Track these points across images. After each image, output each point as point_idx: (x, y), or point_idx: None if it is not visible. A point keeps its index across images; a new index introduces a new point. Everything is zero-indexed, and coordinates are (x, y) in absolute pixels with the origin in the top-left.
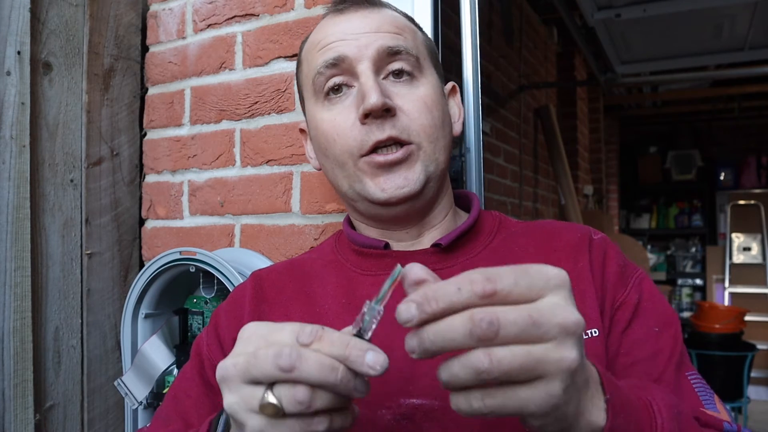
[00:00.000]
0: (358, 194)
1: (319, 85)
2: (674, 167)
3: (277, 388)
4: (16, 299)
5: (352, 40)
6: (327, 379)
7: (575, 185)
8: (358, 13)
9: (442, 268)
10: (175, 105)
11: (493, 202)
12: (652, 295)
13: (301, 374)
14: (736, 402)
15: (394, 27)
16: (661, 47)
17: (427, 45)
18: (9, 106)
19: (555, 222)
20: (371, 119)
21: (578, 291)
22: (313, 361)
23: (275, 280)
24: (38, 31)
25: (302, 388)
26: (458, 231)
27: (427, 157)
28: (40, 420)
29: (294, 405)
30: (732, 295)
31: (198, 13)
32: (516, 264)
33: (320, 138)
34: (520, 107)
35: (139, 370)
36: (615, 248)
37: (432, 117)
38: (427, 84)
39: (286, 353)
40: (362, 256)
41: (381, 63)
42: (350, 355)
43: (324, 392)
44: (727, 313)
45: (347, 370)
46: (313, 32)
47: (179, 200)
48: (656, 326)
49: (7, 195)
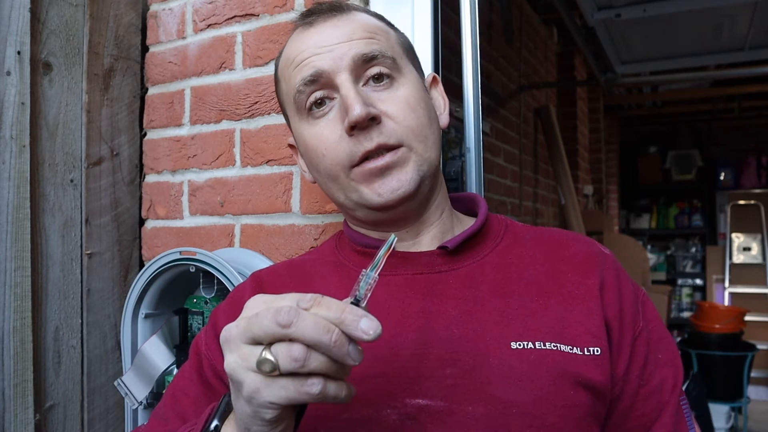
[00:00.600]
0: (355, 203)
1: (300, 102)
2: (674, 167)
3: (275, 347)
4: (16, 299)
5: (327, 52)
6: (321, 339)
7: (575, 185)
8: (328, 23)
9: (448, 270)
10: (175, 105)
11: (493, 202)
12: (654, 317)
13: (297, 330)
14: (736, 402)
15: (366, 32)
16: (661, 47)
17: (401, 42)
18: (9, 106)
19: (561, 231)
20: (358, 130)
21: (586, 308)
22: (310, 321)
23: (275, 280)
24: (38, 31)
25: (298, 346)
26: (466, 234)
27: (419, 157)
28: (40, 420)
29: (289, 362)
30: (732, 295)
31: (198, 13)
32: (522, 270)
33: (310, 153)
34: (520, 107)
35: (139, 370)
36: (624, 271)
37: (417, 116)
38: (408, 83)
39: (285, 311)
40: (364, 255)
41: (359, 71)
42: (345, 319)
43: (319, 354)
44: (727, 313)
45: (341, 334)
46: (286, 48)
47: (179, 200)
48: (660, 353)
49: (7, 195)
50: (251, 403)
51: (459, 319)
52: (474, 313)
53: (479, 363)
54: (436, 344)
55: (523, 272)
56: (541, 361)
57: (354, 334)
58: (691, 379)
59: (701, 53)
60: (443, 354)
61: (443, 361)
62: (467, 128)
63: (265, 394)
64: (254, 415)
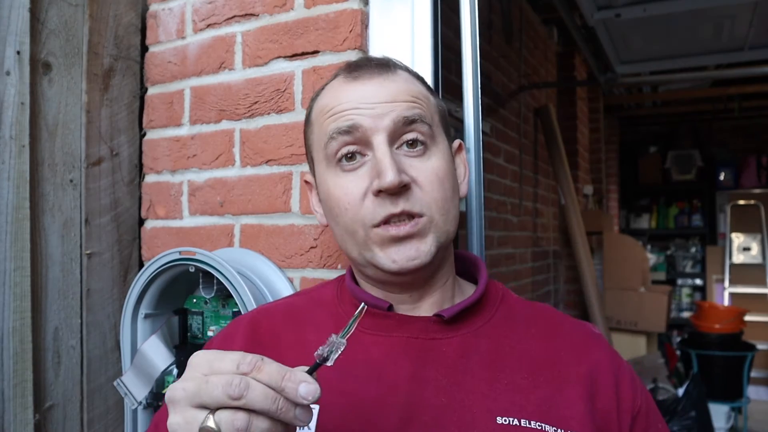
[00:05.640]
0: (368, 262)
1: (331, 150)
2: (674, 167)
3: (218, 414)
4: (15, 299)
5: (367, 109)
6: (269, 408)
7: (575, 185)
8: (374, 80)
9: (442, 338)
10: (175, 105)
11: (493, 202)
12: (646, 391)
13: (247, 402)
14: (736, 402)
15: (410, 96)
16: (661, 47)
17: (438, 109)
18: (8, 106)
19: (555, 311)
20: (385, 194)
21: (575, 391)
22: (259, 391)
23: (271, 325)
24: (38, 31)
25: (242, 415)
26: (463, 305)
27: (438, 229)
28: (40, 420)
29: (232, 431)
30: (732, 295)
31: (197, 13)
32: (515, 345)
33: (331, 203)
34: (520, 107)
35: (139, 370)
36: (616, 351)
37: (443, 189)
38: (439, 154)
39: (236, 383)
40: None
41: (396, 134)
42: (285, 387)
43: (263, 419)
44: (727, 313)
45: (286, 401)
46: (324, 94)
47: (179, 200)
48: (659, 423)
49: (6, 195)
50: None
51: (448, 388)
52: (463, 384)
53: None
54: (424, 411)
55: (515, 347)
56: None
57: (295, 401)
58: (691, 379)
59: (701, 53)
60: (429, 421)
61: (428, 427)
62: (467, 128)
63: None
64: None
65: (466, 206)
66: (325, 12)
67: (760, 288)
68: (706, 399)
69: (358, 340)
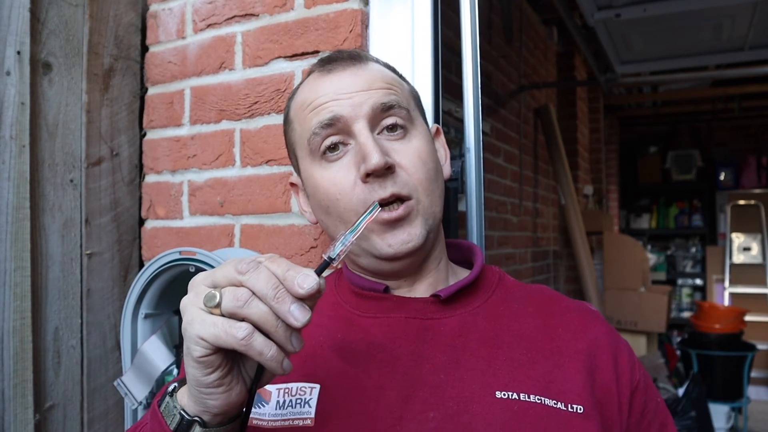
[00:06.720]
0: (363, 250)
1: (315, 144)
2: (674, 167)
3: (225, 288)
4: (16, 299)
5: (345, 99)
6: (267, 293)
7: (575, 185)
8: (347, 71)
9: (440, 318)
10: (175, 105)
11: (493, 202)
12: (639, 363)
13: (251, 279)
14: (736, 402)
15: (385, 83)
16: (661, 47)
17: (412, 94)
18: (9, 106)
19: (552, 290)
20: (373, 178)
21: (573, 366)
22: (264, 274)
23: None
24: (38, 31)
25: (243, 290)
26: (459, 285)
27: (426, 210)
28: (40, 420)
29: (231, 300)
30: (732, 296)
31: (198, 13)
32: (512, 322)
33: (321, 197)
34: (520, 107)
35: (139, 370)
36: (613, 328)
37: (427, 170)
38: (419, 136)
39: (246, 262)
40: (361, 297)
41: (375, 120)
42: (287, 276)
43: (260, 303)
44: (727, 313)
45: (286, 291)
46: (301, 91)
47: (179, 200)
48: (658, 397)
49: (6, 195)
50: (186, 335)
51: (447, 366)
52: (462, 361)
53: (463, 409)
54: (423, 387)
55: (513, 325)
56: (524, 412)
57: (291, 289)
58: (691, 379)
59: (701, 53)
60: (428, 397)
61: (428, 404)
62: (467, 128)
63: (197, 326)
64: (187, 352)
65: (466, 206)
66: (325, 12)
67: (760, 288)
68: (706, 399)
69: (357, 323)
